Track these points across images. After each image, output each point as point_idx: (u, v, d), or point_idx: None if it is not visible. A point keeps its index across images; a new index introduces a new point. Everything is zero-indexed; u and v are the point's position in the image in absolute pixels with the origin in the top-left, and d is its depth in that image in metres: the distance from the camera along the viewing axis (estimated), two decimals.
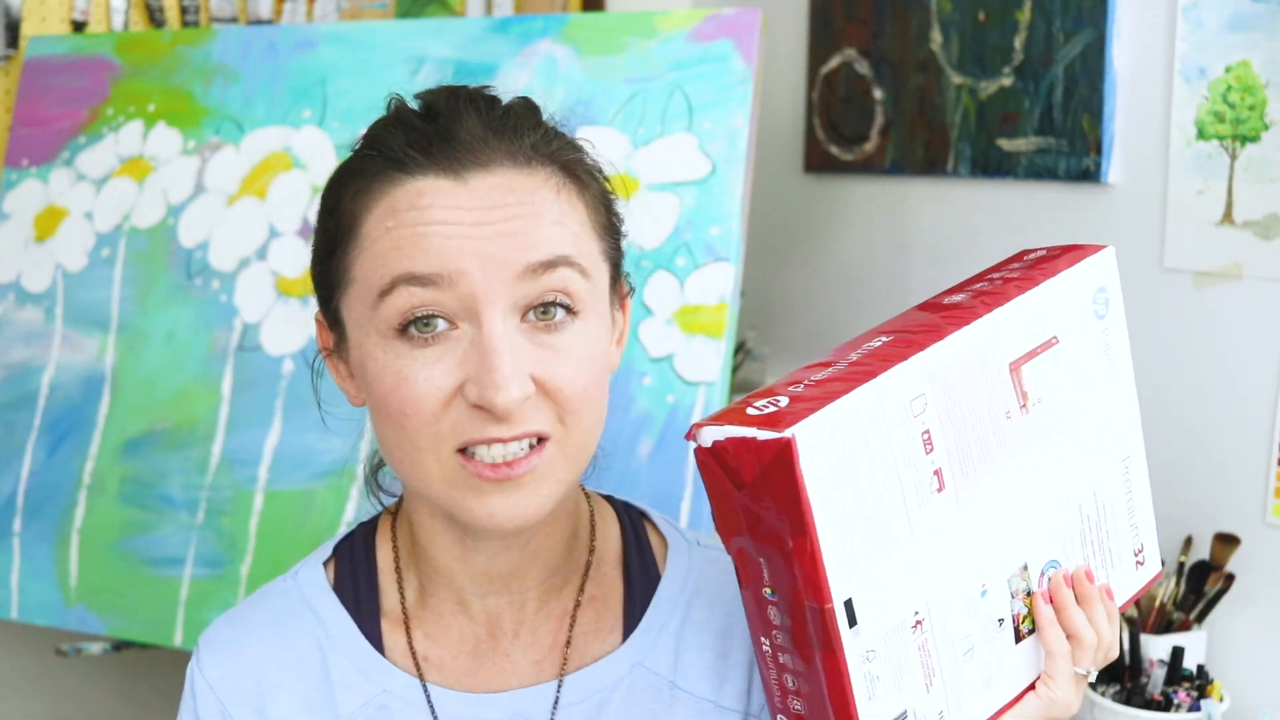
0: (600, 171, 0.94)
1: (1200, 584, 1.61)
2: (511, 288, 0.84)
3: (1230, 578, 1.60)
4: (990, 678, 0.89)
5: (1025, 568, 0.90)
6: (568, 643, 0.95)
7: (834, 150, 2.22)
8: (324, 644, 0.95)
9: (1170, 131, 1.69)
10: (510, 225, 0.84)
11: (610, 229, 0.93)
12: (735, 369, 2.21)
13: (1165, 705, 1.49)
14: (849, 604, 0.78)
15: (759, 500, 0.77)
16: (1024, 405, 0.89)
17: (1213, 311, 1.65)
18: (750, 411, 0.77)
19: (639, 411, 1.54)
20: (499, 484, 0.84)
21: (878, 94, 2.13)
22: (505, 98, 0.92)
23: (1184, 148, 1.67)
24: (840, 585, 0.78)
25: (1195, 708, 1.48)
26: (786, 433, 0.74)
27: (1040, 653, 0.92)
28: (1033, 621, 0.91)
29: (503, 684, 0.94)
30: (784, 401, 0.78)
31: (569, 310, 0.86)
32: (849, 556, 0.78)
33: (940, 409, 0.83)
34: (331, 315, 0.92)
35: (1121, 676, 1.54)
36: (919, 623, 0.83)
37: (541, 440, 0.85)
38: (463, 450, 0.85)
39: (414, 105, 0.90)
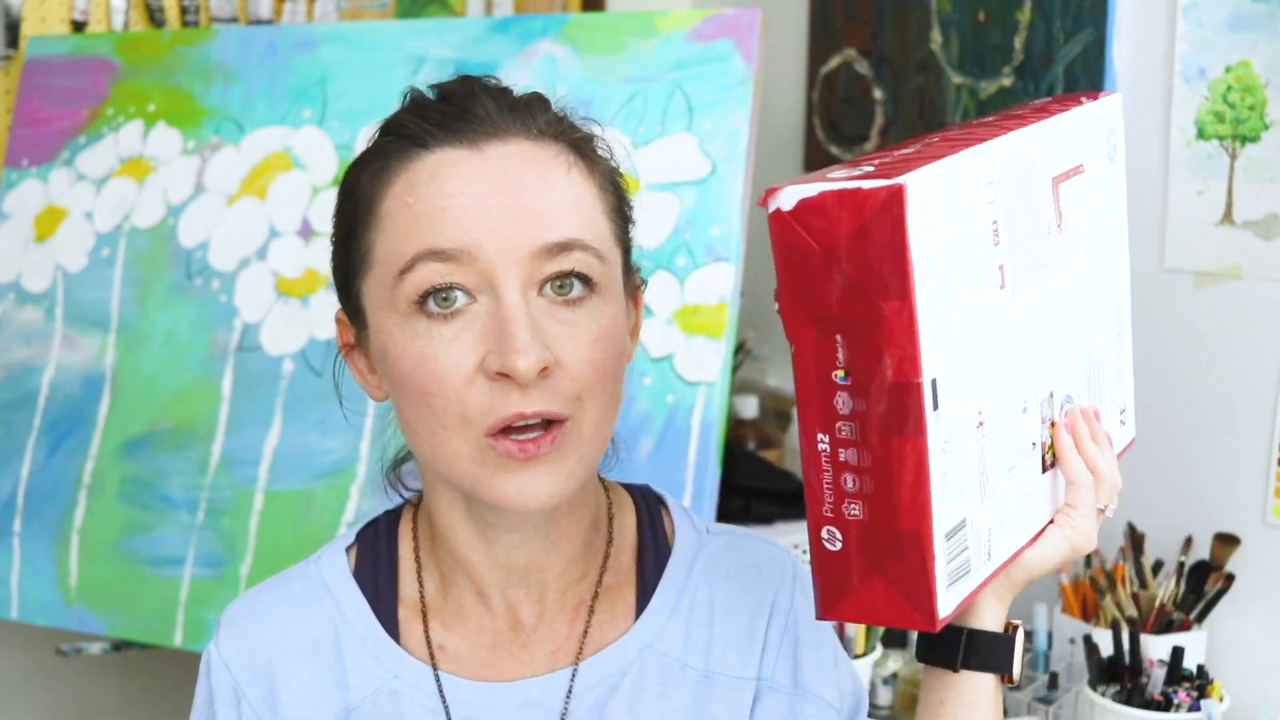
0: (612, 158, 0.95)
1: (1200, 584, 1.61)
2: (527, 265, 0.84)
3: (1230, 578, 1.60)
4: (1022, 505, 0.88)
5: (1052, 395, 0.90)
6: (584, 633, 0.95)
7: (834, 150, 2.22)
8: (340, 628, 0.95)
9: (1170, 131, 1.69)
10: (524, 201, 0.85)
11: (621, 214, 0.93)
12: (735, 369, 2.21)
13: (1165, 705, 1.49)
14: (934, 384, 0.75)
15: (853, 261, 0.72)
16: (1059, 224, 0.89)
17: (1213, 311, 1.65)
18: (834, 176, 0.73)
19: (639, 411, 1.54)
20: (524, 463, 0.85)
21: (878, 94, 2.13)
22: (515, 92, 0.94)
23: (1184, 148, 1.67)
24: (929, 361, 0.74)
25: (1195, 708, 1.48)
26: (898, 180, 0.71)
27: (1058, 489, 0.92)
28: (1054, 453, 0.91)
29: (517, 675, 0.95)
30: (869, 168, 0.74)
31: (586, 283, 0.87)
32: (934, 332, 0.74)
33: (1004, 203, 0.82)
34: (352, 306, 0.93)
35: (1121, 676, 1.54)
36: (980, 424, 0.81)
37: (559, 422, 0.85)
38: (490, 434, 0.85)
39: (430, 94, 0.92)
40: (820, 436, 0.76)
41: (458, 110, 0.88)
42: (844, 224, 0.72)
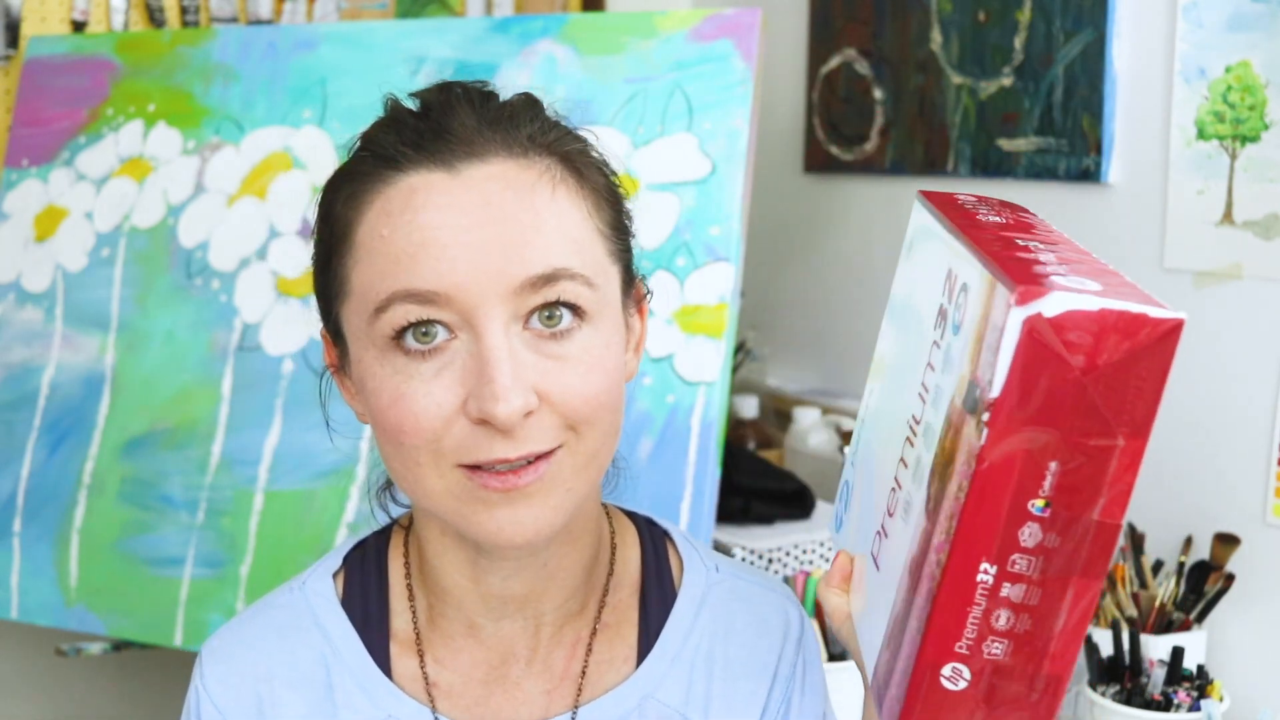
0: (606, 166, 0.89)
1: (1200, 584, 1.61)
2: (509, 300, 0.79)
3: (1230, 578, 1.60)
4: None
5: None
6: (582, 673, 0.91)
7: (834, 150, 2.22)
8: (330, 662, 0.91)
9: (1170, 131, 1.69)
10: (505, 231, 0.79)
11: (618, 227, 0.88)
12: (735, 369, 2.21)
13: (1165, 705, 1.49)
14: None
15: (1106, 389, 0.65)
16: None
17: (1213, 311, 1.65)
18: (1066, 281, 0.66)
19: (639, 411, 1.54)
20: (506, 495, 0.80)
21: (878, 94, 2.13)
22: (507, 95, 0.88)
23: (1184, 148, 1.67)
24: None
25: (1195, 708, 1.47)
26: (1178, 314, 0.65)
27: None
28: None
29: (513, 715, 0.91)
30: (1063, 268, 0.68)
31: (576, 312, 0.81)
32: None
33: None
34: (333, 328, 0.88)
35: (1121, 676, 1.53)
36: None
37: (546, 453, 0.81)
38: (466, 466, 0.81)
39: (410, 104, 0.87)
40: (985, 567, 0.69)
41: (434, 126, 0.82)
42: (1113, 348, 0.64)
